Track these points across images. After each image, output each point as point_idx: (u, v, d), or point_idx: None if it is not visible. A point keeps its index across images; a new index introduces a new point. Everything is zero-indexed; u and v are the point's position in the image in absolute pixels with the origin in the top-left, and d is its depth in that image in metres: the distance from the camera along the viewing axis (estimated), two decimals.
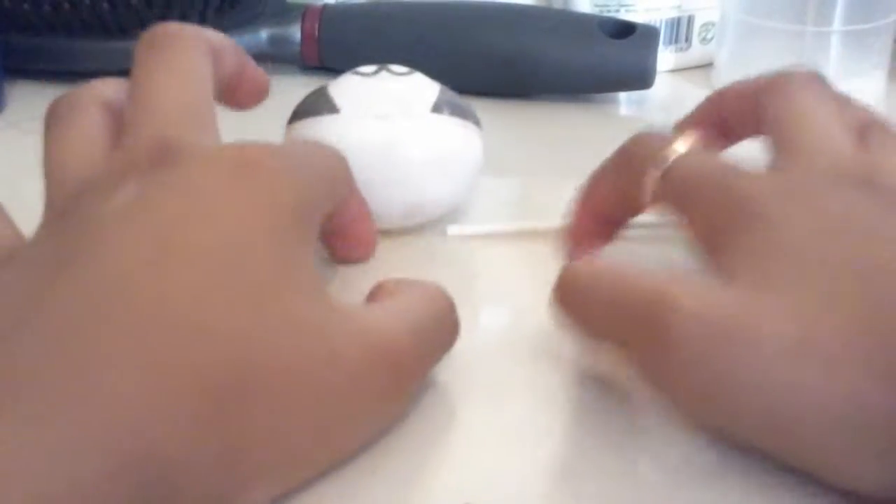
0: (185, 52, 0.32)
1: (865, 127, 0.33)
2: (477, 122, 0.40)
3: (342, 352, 0.27)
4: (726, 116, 0.37)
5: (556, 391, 0.32)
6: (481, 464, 0.29)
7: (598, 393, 0.32)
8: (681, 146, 0.33)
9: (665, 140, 0.33)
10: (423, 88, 0.39)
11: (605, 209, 0.36)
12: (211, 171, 0.28)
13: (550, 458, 0.29)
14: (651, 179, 0.33)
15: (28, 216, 0.30)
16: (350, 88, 0.39)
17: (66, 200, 0.28)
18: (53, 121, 0.32)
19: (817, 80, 0.34)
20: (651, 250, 0.39)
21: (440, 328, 0.31)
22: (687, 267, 0.34)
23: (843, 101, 0.34)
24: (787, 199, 0.29)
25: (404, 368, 0.29)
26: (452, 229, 0.40)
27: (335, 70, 0.45)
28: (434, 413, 0.31)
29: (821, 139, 0.32)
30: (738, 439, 0.28)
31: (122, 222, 0.26)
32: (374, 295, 0.32)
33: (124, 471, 0.23)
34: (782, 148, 0.32)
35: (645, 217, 0.35)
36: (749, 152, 0.34)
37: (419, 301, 0.31)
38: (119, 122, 0.31)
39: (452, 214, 0.41)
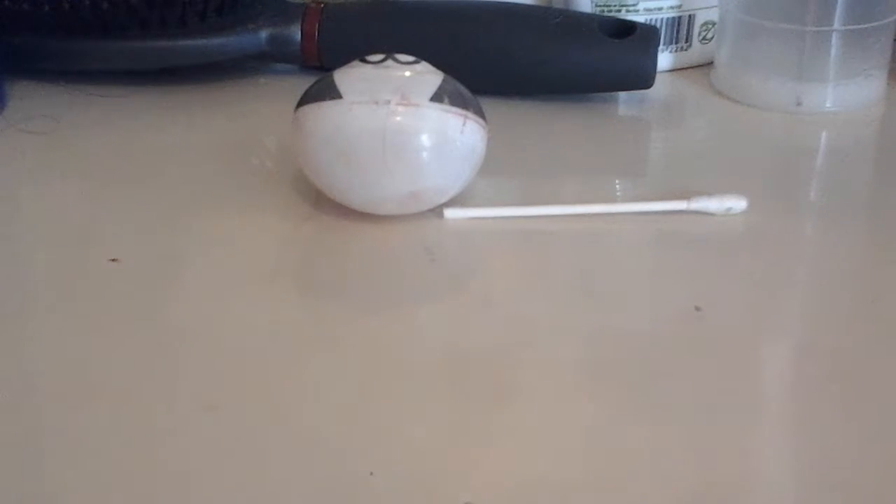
0: None
1: None
2: (480, 114, 0.40)
3: None
4: None
5: (556, 387, 0.32)
6: (481, 464, 0.29)
7: (598, 391, 0.32)
8: None
9: None
10: (425, 77, 0.40)
11: None
12: None
13: (552, 457, 0.29)
14: None
15: (27, 216, 0.30)
16: (354, 75, 0.40)
17: None
18: None
19: None
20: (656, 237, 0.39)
21: None
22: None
23: None
24: None
25: None
26: (450, 213, 0.41)
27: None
28: (434, 412, 0.31)
29: None
30: None
31: None
32: None
33: None
34: None
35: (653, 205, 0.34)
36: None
37: None
38: None
39: (451, 203, 0.41)
